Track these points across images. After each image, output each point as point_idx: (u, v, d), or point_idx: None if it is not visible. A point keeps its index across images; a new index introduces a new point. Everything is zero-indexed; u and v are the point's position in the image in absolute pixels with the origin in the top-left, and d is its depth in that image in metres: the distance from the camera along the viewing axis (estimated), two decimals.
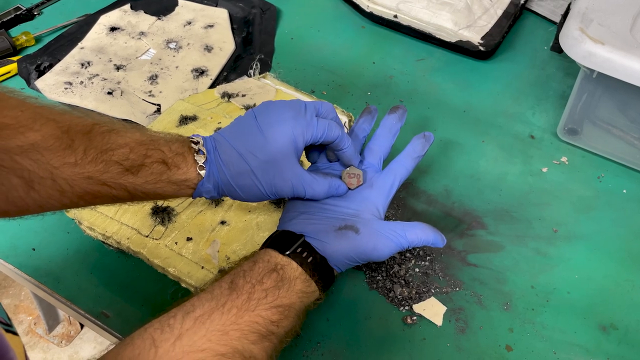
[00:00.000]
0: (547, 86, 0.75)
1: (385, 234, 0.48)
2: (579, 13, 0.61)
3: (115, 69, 0.74)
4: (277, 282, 0.43)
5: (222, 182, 0.47)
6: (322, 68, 0.76)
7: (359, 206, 0.50)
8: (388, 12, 0.80)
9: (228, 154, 0.47)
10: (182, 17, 0.81)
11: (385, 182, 0.52)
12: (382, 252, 0.48)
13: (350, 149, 0.51)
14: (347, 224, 0.48)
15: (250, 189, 0.48)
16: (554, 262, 0.57)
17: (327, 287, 0.48)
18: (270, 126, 0.47)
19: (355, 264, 0.49)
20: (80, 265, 0.56)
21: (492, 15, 0.80)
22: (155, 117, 0.67)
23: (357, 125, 0.56)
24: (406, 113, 0.56)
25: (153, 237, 0.54)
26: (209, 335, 0.39)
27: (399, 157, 0.54)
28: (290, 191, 0.48)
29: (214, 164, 0.47)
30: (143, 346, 0.38)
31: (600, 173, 0.65)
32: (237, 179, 0.47)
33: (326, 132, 0.49)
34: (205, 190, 0.47)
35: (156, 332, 0.39)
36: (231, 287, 0.42)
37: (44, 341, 1.26)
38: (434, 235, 0.49)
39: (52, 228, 0.58)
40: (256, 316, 0.41)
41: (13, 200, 0.41)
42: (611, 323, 0.53)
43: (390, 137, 0.55)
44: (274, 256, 0.45)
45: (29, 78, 0.72)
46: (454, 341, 0.52)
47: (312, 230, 0.48)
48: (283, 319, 0.43)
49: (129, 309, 0.53)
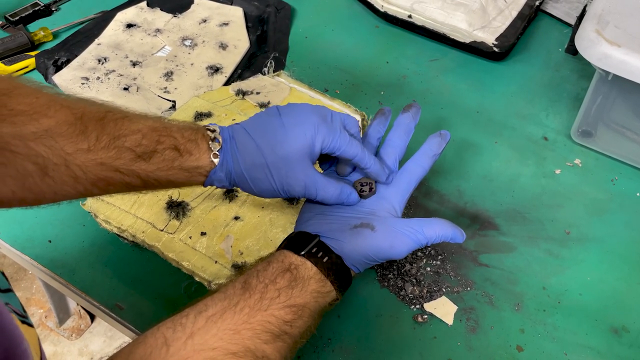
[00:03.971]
0: (561, 88, 0.75)
1: (402, 231, 0.48)
2: (595, 15, 0.61)
3: (132, 65, 0.74)
4: (291, 282, 0.43)
5: (235, 172, 0.47)
6: (336, 67, 0.77)
7: (375, 205, 0.50)
8: (402, 12, 0.80)
9: (245, 144, 0.47)
10: (197, 15, 0.82)
11: (402, 181, 0.52)
12: (399, 250, 0.47)
13: (375, 167, 0.50)
14: (362, 222, 0.48)
15: (262, 182, 0.48)
16: (566, 264, 0.57)
17: (345, 287, 0.47)
18: (293, 125, 0.47)
19: (373, 262, 0.48)
20: (96, 258, 0.56)
21: (506, 16, 0.79)
22: (171, 113, 0.67)
23: (371, 127, 0.55)
24: (420, 111, 0.56)
25: (168, 231, 0.54)
26: (220, 334, 0.39)
27: (415, 155, 0.53)
28: (302, 191, 0.48)
29: (228, 152, 0.47)
30: (155, 344, 0.38)
31: (613, 176, 0.65)
32: (251, 171, 0.47)
33: (346, 147, 0.48)
34: (217, 179, 0.47)
35: (168, 331, 0.39)
36: (244, 286, 0.42)
37: (55, 334, 1.27)
38: (452, 230, 0.48)
39: (68, 221, 0.59)
40: (269, 315, 0.41)
41: (29, 186, 0.42)
42: (623, 326, 0.53)
43: (405, 136, 0.54)
44: (289, 256, 0.45)
45: (47, 73, 0.73)
46: (465, 340, 0.52)
47: (327, 229, 0.48)
48: (297, 318, 0.42)
49: (142, 302, 0.53)
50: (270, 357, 0.40)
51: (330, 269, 0.45)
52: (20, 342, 0.31)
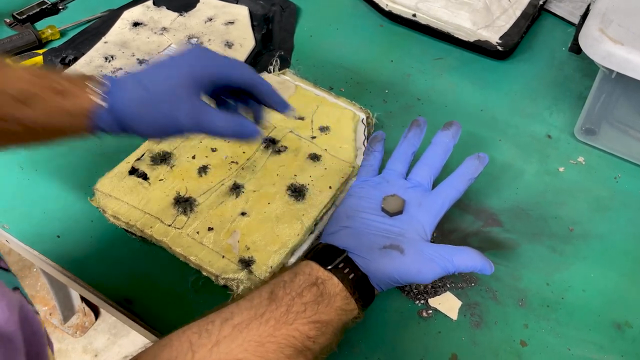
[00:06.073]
0: (565, 87, 0.75)
1: (431, 257, 0.47)
2: (598, 14, 0.61)
3: (138, 63, 0.75)
4: (317, 297, 0.43)
5: (122, 112, 0.44)
6: (341, 65, 0.77)
7: (404, 225, 0.49)
8: (407, 11, 0.80)
9: (130, 83, 0.45)
10: (203, 14, 0.83)
11: (435, 203, 0.50)
12: (426, 276, 0.46)
13: (275, 94, 0.48)
14: (392, 243, 0.47)
15: (149, 117, 0.45)
16: (569, 261, 0.58)
17: (367, 305, 0.46)
18: (177, 60, 0.46)
19: (397, 284, 0.47)
20: (104, 253, 0.57)
21: (510, 15, 0.80)
22: None
23: (407, 139, 0.54)
24: (460, 130, 0.54)
25: (175, 226, 0.55)
26: (245, 345, 0.39)
27: (450, 177, 0.52)
28: (189, 122, 0.45)
29: (115, 95, 0.44)
30: (180, 349, 0.39)
31: (617, 174, 0.66)
32: (137, 107, 0.44)
33: (235, 69, 0.46)
34: (104, 122, 0.44)
35: (194, 336, 0.39)
36: (271, 297, 0.42)
37: (59, 331, 1.28)
38: (482, 262, 0.48)
39: (77, 216, 0.59)
40: (293, 330, 0.41)
41: None
42: (626, 321, 0.53)
43: (443, 155, 0.53)
44: (315, 269, 0.45)
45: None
46: (469, 335, 0.52)
47: (355, 246, 0.47)
48: (320, 335, 0.42)
49: (150, 296, 0.54)
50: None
51: (356, 286, 0.45)
52: (39, 327, 0.32)
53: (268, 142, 0.62)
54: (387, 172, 0.54)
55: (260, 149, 0.62)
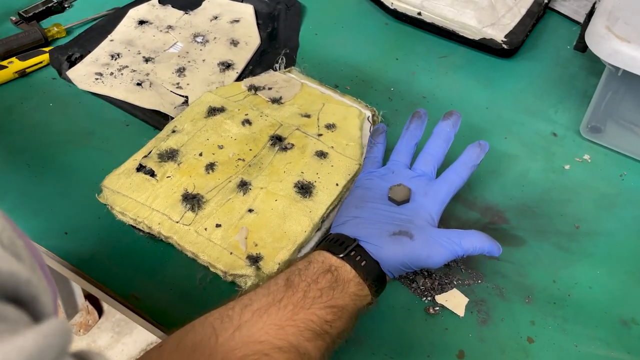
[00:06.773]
0: (570, 85, 0.75)
1: (440, 242, 0.48)
2: (605, 11, 0.61)
3: (144, 61, 0.75)
4: (332, 283, 0.44)
5: None
6: (346, 63, 0.77)
7: (412, 212, 0.50)
8: (412, 9, 0.80)
9: None
10: (208, 12, 0.83)
11: (440, 190, 0.52)
12: (436, 260, 0.48)
13: None
14: (401, 230, 0.48)
15: None
16: (575, 258, 0.58)
17: (379, 291, 0.48)
18: None
19: (408, 270, 0.48)
20: (111, 250, 0.57)
21: (515, 13, 0.80)
22: (184, 108, 0.68)
23: (409, 131, 0.55)
24: (460, 119, 0.55)
25: (183, 223, 0.55)
26: (266, 328, 0.40)
27: (453, 165, 0.53)
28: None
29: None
30: (204, 333, 0.39)
31: (622, 171, 0.66)
32: None
33: None
34: None
35: (216, 322, 0.40)
36: (287, 284, 0.43)
37: None
38: (489, 244, 0.49)
39: (84, 213, 0.60)
40: (311, 314, 0.42)
41: None
42: (632, 318, 0.54)
43: (444, 145, 0.54)
44: (328, 257, 0.46)
45: (61, 68, 0.74)
46: (476, 332, 0.52)
47: (365, 234, 0.48)
48: (336, 319, 0.43)
49: (158, 292, 0.54)
50: (311, 354, 0.41)
51: (368, 273, 0.46)
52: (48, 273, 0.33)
53: (275, 139, 0.62)
54: (391, 163, 0.56)
55: (267, 146, 0.62)
